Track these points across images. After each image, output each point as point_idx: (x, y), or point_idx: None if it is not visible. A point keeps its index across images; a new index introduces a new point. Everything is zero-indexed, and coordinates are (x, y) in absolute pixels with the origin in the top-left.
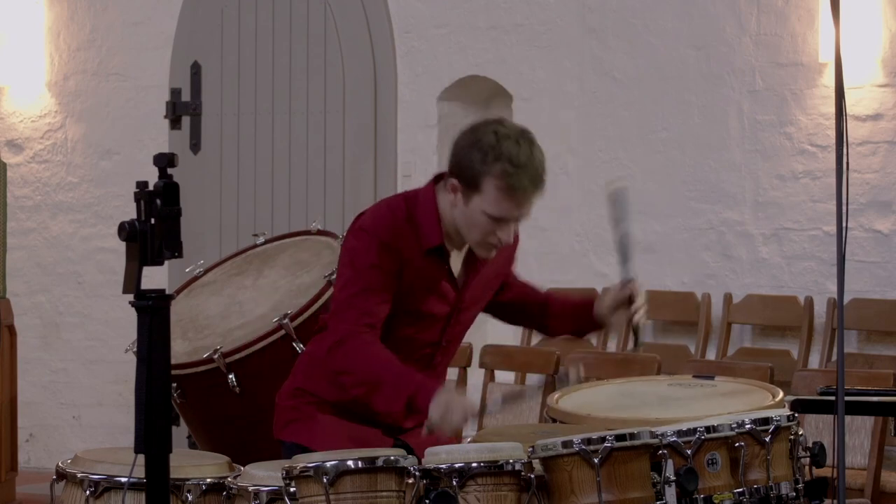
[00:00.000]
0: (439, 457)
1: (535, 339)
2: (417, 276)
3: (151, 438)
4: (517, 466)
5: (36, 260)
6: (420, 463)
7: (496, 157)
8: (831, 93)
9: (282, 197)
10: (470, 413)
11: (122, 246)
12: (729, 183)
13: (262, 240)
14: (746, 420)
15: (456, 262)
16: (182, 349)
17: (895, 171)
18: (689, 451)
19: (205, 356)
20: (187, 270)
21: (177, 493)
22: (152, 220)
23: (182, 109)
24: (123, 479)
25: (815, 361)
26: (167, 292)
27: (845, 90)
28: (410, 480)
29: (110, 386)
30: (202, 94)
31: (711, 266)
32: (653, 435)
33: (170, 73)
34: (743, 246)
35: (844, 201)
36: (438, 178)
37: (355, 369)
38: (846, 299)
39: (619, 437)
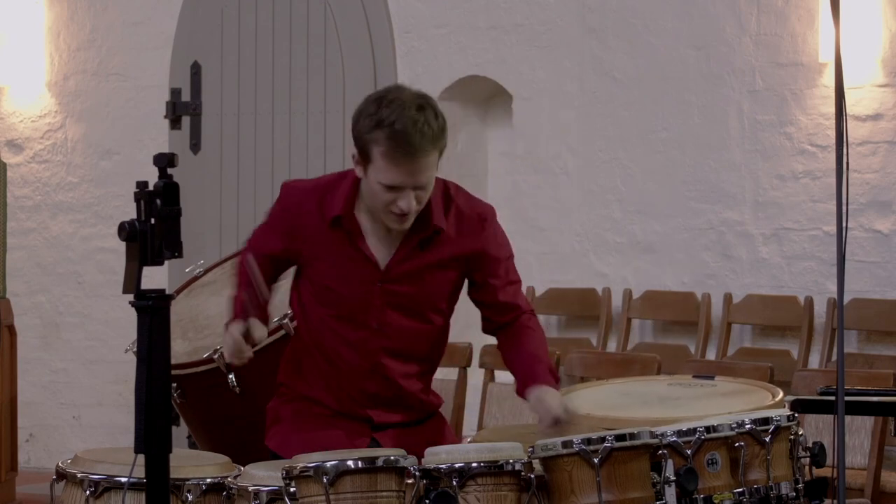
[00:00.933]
0: (439, 457)
1: None
2: (323, 248)
3: (151, 438)
4: (517, 466)
5: (36, 260)
6: (420, 463)
7: (377, 124)
8: (831, 93)
9: None
10: (228, 343)
11: (122, 246)
12: (729, 183)
13: None
14: (746, 420)
15: (374, 236)
16: (182, 349)
17: (895, 171)
18: (689, 451)
19: (205, 356)
20: (187, 270)
21: (177, 493)
22: (152, 220)
23: (182, 109)
24: (123, 479)
25: (815, 361)
26: (167, 292)
27: (845, 90)
28: (410, 480)
29: (110, 386)
30: (202, 94)
31: (711, 266)
32: (653, 435)
33: (170, 73)
34: (743, 246)
35: (844, 201)
36: None
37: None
38: (846, 299)
39: (619, 437)
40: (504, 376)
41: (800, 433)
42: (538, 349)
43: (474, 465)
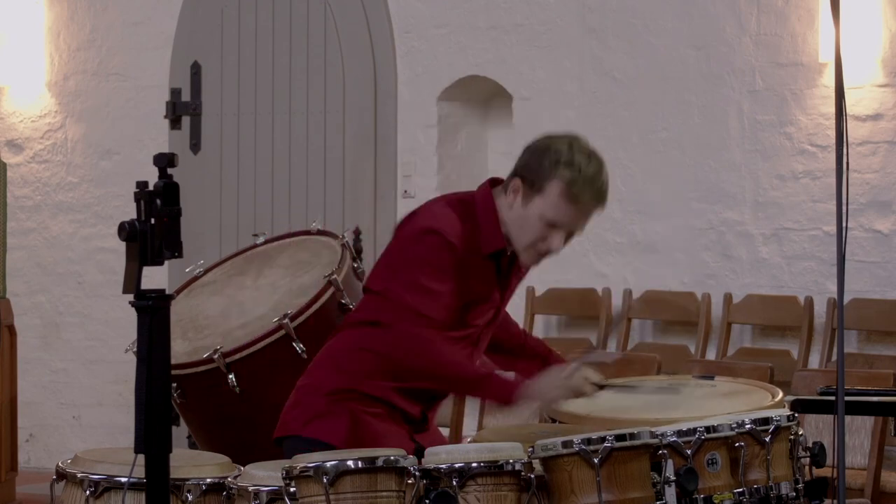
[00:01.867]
0: (439, 457)
1: None
2: (475, 280)
3: (151, 438)
4: (517, 466)
5: (36, 260)
6: (420, 463)
7: (567, 163)
8: (831, 93)
9: (282, 197)
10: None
11: (122, 246)
12: (729, 183)
13: (262, 240)
14: (746, 420)
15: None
16: (182, 349)
17: (895, 171)
18: (689, 451)
19: (205, 356)
20: (187, 270)
21: (177, 493)
22: (152, 220)
23: (182, 109)
24: (123, 479)
25: (815, 361)
26: (167, 292)
27: (845, 90)
28: (410, 480)
29: (110, 386)
30: (202, 94)
31: (711, 266)
32: (653, 435)
33: (170, 73)
34: (743, 246)
35: (844, 201)
36: (493, 182)
37: (434, 373)
38: (846, 299)
39: (619, 437)
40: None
41: (800, 433)
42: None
43: (474, 465)
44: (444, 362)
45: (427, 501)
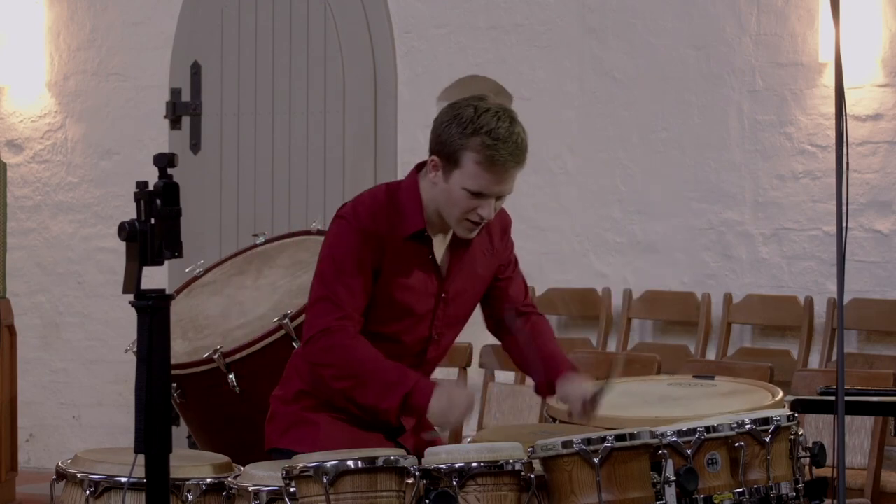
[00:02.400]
0: (439, 457)
1: None
2: (399, 264)
3: (151, 438)
4: (517, 466)
5: (36, 260)
6: (420, 463)
7: (475, 130)
8: (831, 93)
9: (282, 197)
10: (470, 405)
11: (122, 246)
12: (729, 183)
13: (262, 240)
14: (746, 420)
15: (439, 250)
16: (182, 349)
17: (895, 171)
18: (689, 451)
19: (205, 356)
20: (187, 270)
21: (177, 493)
22: (152, 220)
23: (182, 109)
24: (123, 479)
25: (815, 361)
26: (167, 292)
27: (845, 90)
28: (410, 480)
29: (110, 386)
30: (202, 94)
31: (711, 266)
32: (653, 435)
33: (170, 73)
34: (743, 246)
35: (844, 201)
36: (420, 166)
37: (337, 362)
38: (846, 299)
39: (619, 437)
40: (504, 376)
41: (800, 433)
42: (553, 344)
43: (474, 465)
44: (349, 352)
45: (427, 501)
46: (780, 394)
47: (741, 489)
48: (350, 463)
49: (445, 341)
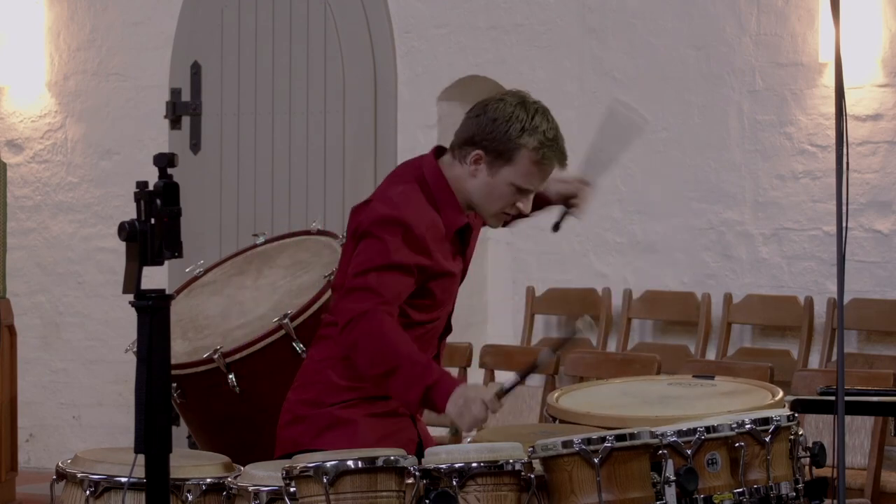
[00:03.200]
0: (439, 457)
1: (535, 339)
2: (441, 259)
3: (151, 438)
4: (517, 466)
5: (36, 260)
6: (420, 463)
7: (532, 130)
8: (831, 93)
9: (282, 197)
10: (490, 408)
11: (122, 246)
12: (729, 183)
13: (262, 240)
14: (746, 420)
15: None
16: (182, 349)
17: (895, 171)
18: (689, 451)
19: (205, 356)
20: (187, 270)
21: (177, 493)
22: (152, 220)
23: (182, 109)
24: (123, 479)
25: (815, 361)
26: (167, 292)
27: (845, 90)
28: (410, 480)
29: (110, 386)
30: (202, 94)
31: (711, 266)
32: (653, 435)
33: (170, 73)
34: (743, 246)
35: (844, 201)
36: (438, 152)
37: (373, 348)
38: (846, 299)
39: (619, 437)
40: (504, 376)
41: (800, 433)
42: None
43: (474, 465)
44: (393, 340)
45: (427, 501)
46: (780, 394)
47: (741, 489)
48: (350, 463)
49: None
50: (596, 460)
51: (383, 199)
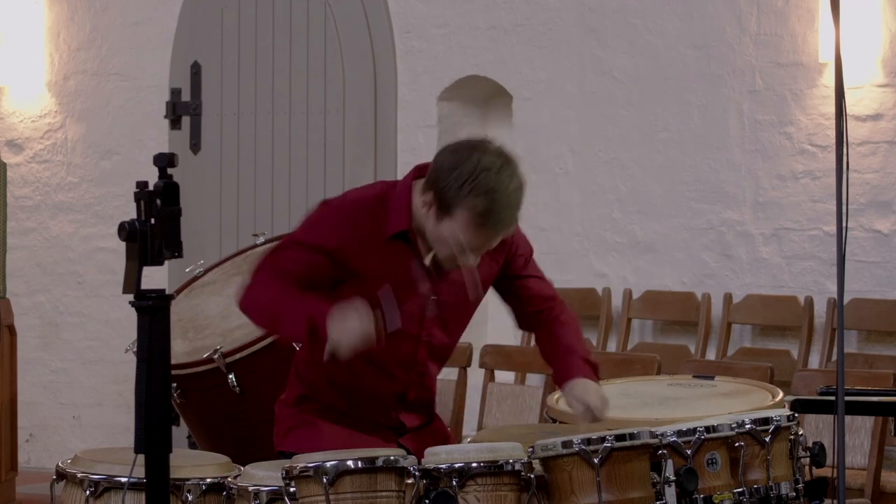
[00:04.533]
0: (439, 457)
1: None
2: (381, 261)
3: (151, 438)
4: (517, 466)
5: (36, 260)
6: (420, 463)
7: (472, 188)
8: (831, 93)
9: (282, 197)
10: (366, 323)
11: (122, 246)
12: (729, 183)
13: (262, 240)
14: (746, 420)
15: (424, 252)
16: (182, 349)
17: (895, 171)
18: (689, 451)
19: (205, 356)
20: (187, 270)
21: (177, 493)
22: (152, 220)
23: (182, 109)
24: (123, 479)
25: (815, 361)
26: (167, 292)
27: (845, 90)
28: (410, 480)
29: (110, 386)
30: (202, 94)
31: (711, 266)
32: (653, 435)
33: (170, 73)
34: (743, 246)
35: (844, 201)
36: (420, 171)
37: (257, 304)
38: (846, 299)
39: (619, 437)
40: (504, 376)
41: (800, 433)
42: (572, 340)
43: (474, 465)
44: (264, 288)
45: (427, 501)
46: (780, 394)
47: (741, 489)
48: (350, 463)
49: (438, 342)
50: (596, 460)
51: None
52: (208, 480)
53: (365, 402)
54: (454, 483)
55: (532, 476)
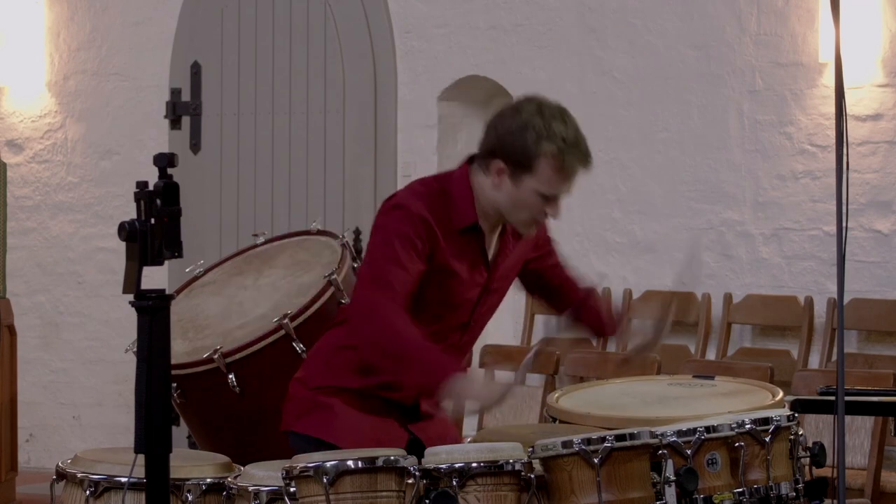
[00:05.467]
0: (439, 457)
1: (535, 339)
2: (451, 254)
3: (151, 438)
4: (517, 466)
5: (36, 260)
6: (420, 463)
7: (549, 137)
8: (831, 93)
9: (282, 197)
10: (492, 398)
11: (122, 246)
12: (729, 183)
13: (262, 240)
14: (746, 420)
15: (490, 242)
16: (182, 349)
17: (895, 171)
18: (689, 451)
19: (205, 356)
20: (187, 270)
21: (177, 493)
22: (152, 220)
23: (182, 109)
24: (123, 479)
25: (815, 361)
26: (167, 292)
27: (845, 90)
28: (410, 480)
29: (110, 386)
30: (202, 94)
31: (711, 266)
32: (653, 435)
33: (170, 73)
34: (743, 246)
35: (844, 201)
36: (471, 160)
37: (382, 341)
38: (846, 299)
39: (619, 437)
40: (504, 376)
41: (800, 433)
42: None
43: (474, 465)
44: (395, 330)
45: (427, 501)
46: (780, 394)
47: (741, 489)
48: (350, 463)
49: (478, 328)
50: (596, 460)
51: (400, 191)
52: (208, 480)
53: (392, 390)
54: (454, 483)
55: (532, 476)
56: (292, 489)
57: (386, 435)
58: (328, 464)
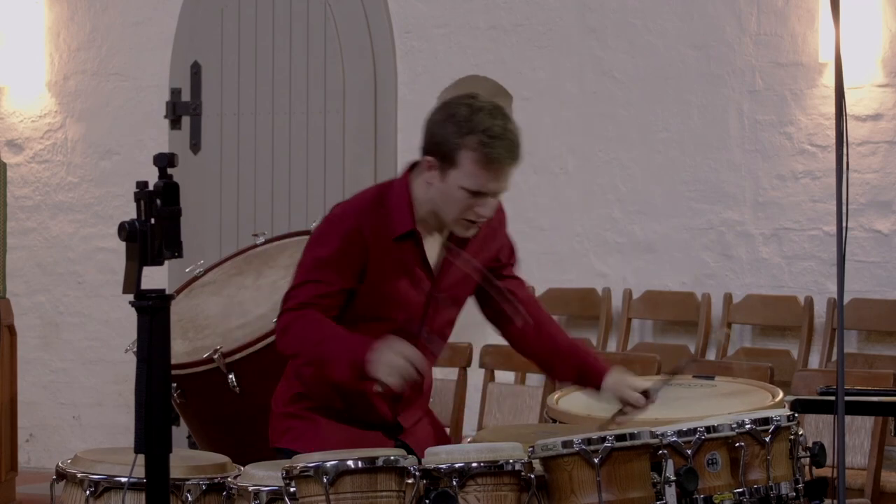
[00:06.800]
0: (439, 457)
1: None
2: (388, 264)
3: (151, 438)
4: (517, 466)
5: (36, 260)
6: (420, 463)
7: (471, 129)
8: (831, 93)
9: (282, 197)
10: (411, 357)
11: (122, 246)
12: (729, 183)
13: (262, 240)
14: (746, 420)
15: (432, 248)
16: (182, 349)
17: (895, 171)
18: (689, 451)
19: (205, 356)
20: (187, 270)
21: (177, 493)
22: (152, 220)
23: (182, 109)
24: (123, 479)
25: (815, 361)
26: (167, 292)
27: (845, 90)
28: (410, 480)
29: (110, 386)
30: (202, 94)
31: (711, 266)
32: (653, 435)
33: (170, 73)
34: (743, 246)
35: (844, 201)
36: (414, 166)
37: (302, 349)
38: (846, 299)
39: (619, 437)
40: (504, 376)
41: (800, 433)
42: (573, 341)
43: (474, 465)
44: (305, 336)
45: (427, 501)
46: (780, 394)
47: (741, 489)
48: (350, 463)
49: (437, 340)
50: (596, 460)
51: (340, 203)
52: (208, 480)
53: (362, 401)
54: (454, 483)
55: (532, 476)
56: (292, 489)
57: (372, 444)
58: (328, 464)
